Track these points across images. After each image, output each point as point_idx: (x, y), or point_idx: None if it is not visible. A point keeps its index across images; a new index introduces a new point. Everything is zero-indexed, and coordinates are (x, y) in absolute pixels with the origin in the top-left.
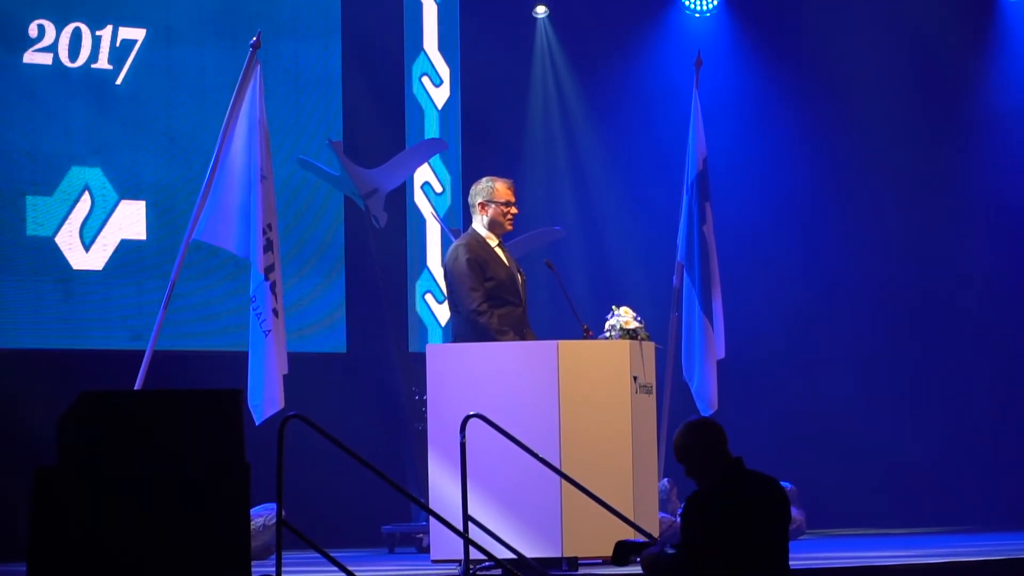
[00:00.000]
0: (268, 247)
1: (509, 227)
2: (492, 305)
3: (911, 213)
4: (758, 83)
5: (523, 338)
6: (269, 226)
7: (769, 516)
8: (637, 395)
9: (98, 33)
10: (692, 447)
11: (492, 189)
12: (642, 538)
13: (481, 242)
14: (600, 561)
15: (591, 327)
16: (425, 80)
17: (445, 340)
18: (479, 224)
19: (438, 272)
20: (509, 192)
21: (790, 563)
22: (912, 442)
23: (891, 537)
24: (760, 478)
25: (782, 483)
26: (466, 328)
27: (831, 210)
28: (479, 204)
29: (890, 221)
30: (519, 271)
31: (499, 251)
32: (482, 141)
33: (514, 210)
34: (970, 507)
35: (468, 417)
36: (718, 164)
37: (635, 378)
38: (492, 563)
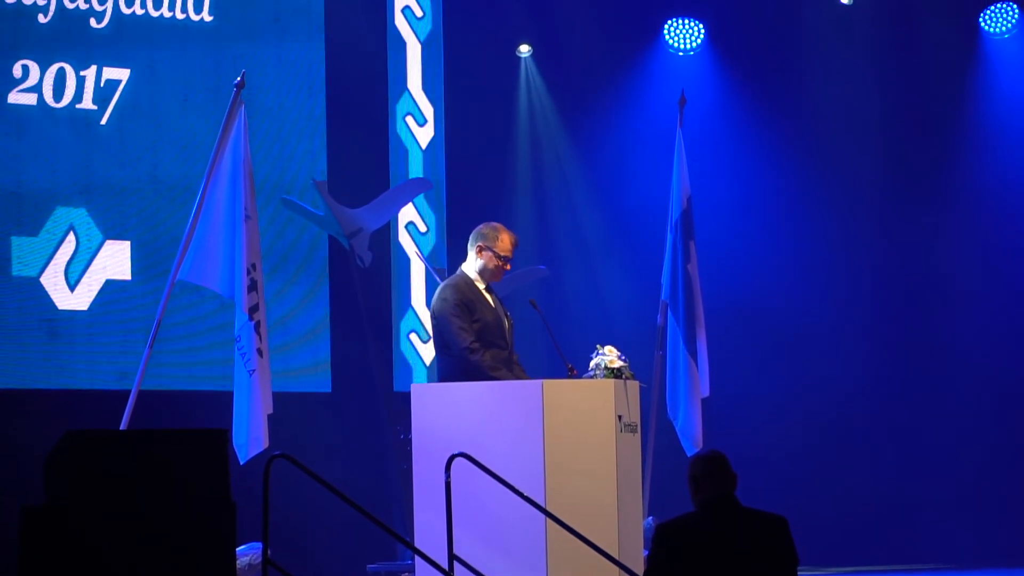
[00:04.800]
0: (252, 287)
1: (497, 279)
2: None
3: (897, 250)
4: (742, 122)
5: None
6: (253, 266)
7: (747, 556)
8: (622, 434)
9: (82, 73)
10: (688, 478)
11: (497, 239)
12: None
13: (469, 284)
14: None
15: (576, 366)
16: (409, 120)
17: (430, 379)
18: (470, 266)
19: (423, 311)
20: (511, 248)
21: None
22: (902, 479)
23: (881, 574)
24: (752, 517)
25: None
26: (457, 368)
27: (815, 248)
28: (478, 247)
29: (875, 258)
30: (506, 315)
31: (486, 294)
32: (466, 181)
33: (508, 266)
34: (961, 544)
35: (453, 456)
36: (702, 203)
37: (620, 417)
38: None
